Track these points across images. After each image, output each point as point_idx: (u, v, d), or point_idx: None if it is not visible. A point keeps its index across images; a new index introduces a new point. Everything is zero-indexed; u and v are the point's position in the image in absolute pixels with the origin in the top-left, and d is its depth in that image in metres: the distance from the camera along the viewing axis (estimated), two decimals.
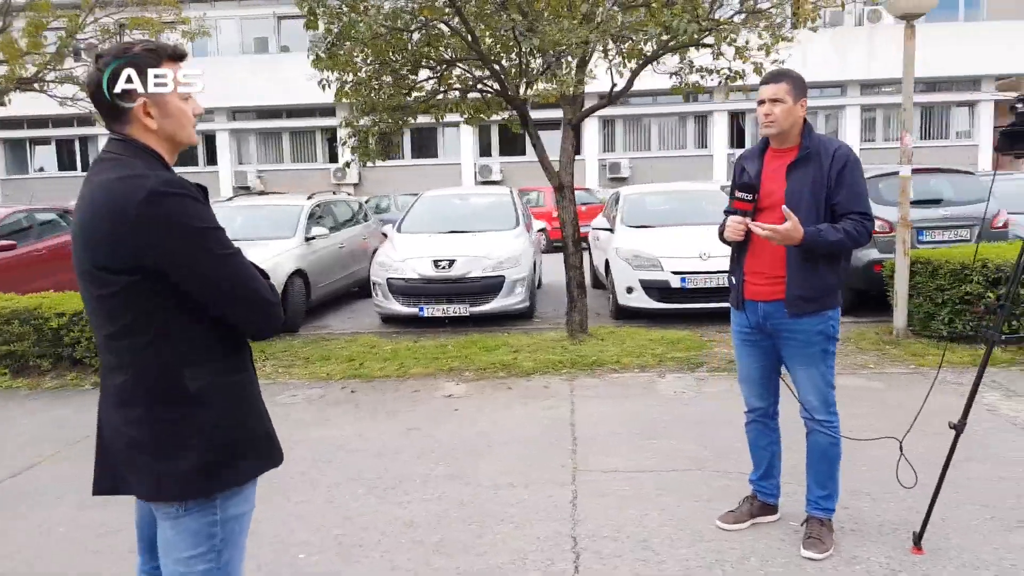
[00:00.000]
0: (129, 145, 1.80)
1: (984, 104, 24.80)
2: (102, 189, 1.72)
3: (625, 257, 8.45)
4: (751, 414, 3.57)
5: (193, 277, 1.73)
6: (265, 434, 1.94)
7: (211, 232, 1.74)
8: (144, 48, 1.81)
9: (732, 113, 25.22)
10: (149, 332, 1.75)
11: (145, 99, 1.79)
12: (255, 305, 1.81)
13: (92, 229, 1.71)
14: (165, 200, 1.68)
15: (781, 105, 3.16)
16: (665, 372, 6.33)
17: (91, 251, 1.72)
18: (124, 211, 1.66)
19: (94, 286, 1.75)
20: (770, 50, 6.88)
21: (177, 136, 1.87)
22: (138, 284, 1.71)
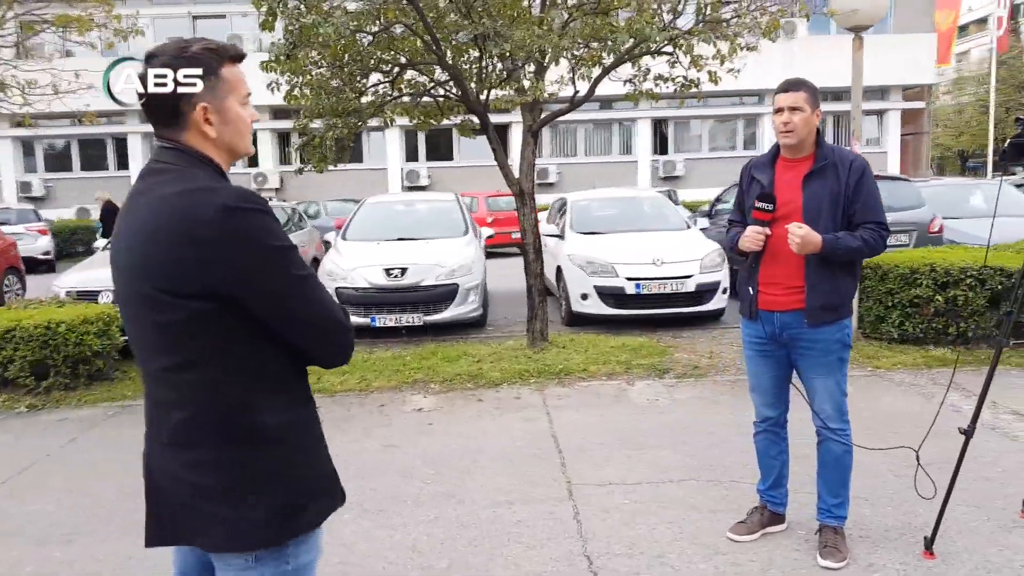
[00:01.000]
0: (184, 154, 1.61)
1: (892, 113, 26.08)
2: (163, 204, 1.52)
3: (579, 263, 8.42)
4: (762, 424, 3.54)
5: (269, 301, 1.54)
6: (332, 471, 1.77)
7: (288, 251, 1.56)
8: (204, 48, 1.61)
9: (655, 120, 25.72)
10: (218, 364, 1.55)
11: (206, 104, 1.60)
12: (332, 331, 1.63)
13: (153, 249, 1.51)
14: (239, 216, 1.49)
15: (800, 114, 3.15)
16: (633, 379, 6.31)
17: (151, 273, 1.52)
18: (193, 229, 1.47)
19: (153, 312, 1.54)
20: (725, 59, 6.97)
21: (236, 145, 1.68)
22: (208, 311, 1.51)
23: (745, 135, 26.55)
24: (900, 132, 26.14)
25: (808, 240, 3.06)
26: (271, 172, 25.88)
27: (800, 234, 3.06)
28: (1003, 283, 6.43)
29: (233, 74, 1.65)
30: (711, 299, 8.37)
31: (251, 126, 1.71)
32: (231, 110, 1.64)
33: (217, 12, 25.97)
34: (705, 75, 7.19)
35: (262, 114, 25.78)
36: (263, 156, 26.40)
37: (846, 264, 3.20)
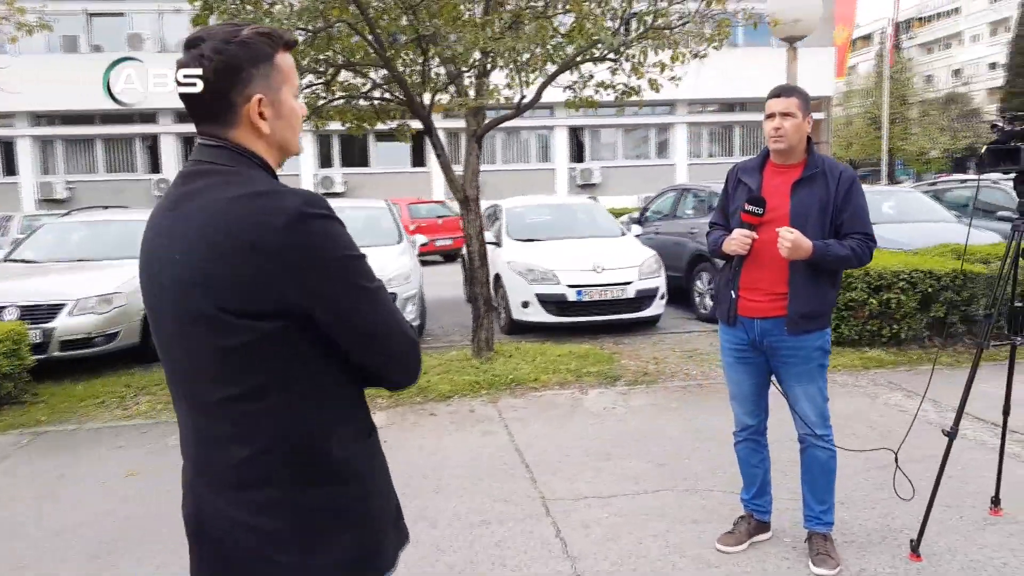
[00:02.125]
0: (234, 153, 1.40)
1: None
2: (223, 210, 1.32)
3: (519, 271, 8.31)
4: (743, 432, 3.49)
5: (343, 316, 1.36)
6: (398, 506, 1.59)
7: (361, 261, 1.39)
8: (257, 32, 1.41)
9: (572, 128, 25.98)
10: (288, 391, 1.36)
11: (261, 96, 1.40)
12: (404, 347, 1.44)
13: (214, 262, 1.31)
14: (313, 223, 1.31)
15: (792, 120, 3.12)
16: (586, 388, 6.23)
17: (214, 290, 1.31)
18: (264, 238, 1.28)
19: (215, 335, 1.33)
20: (665, 67, 7.00)
21: (289, 143, 1.49)
22: (279, 331, 1.32)
23: (658, 143, 27.14)
24: None
25: (799, 245, 3.03)
26: None
27: (791, 238, 3.03)
28: (932, 286, 6.68)
29: (287, 62, 1.45)
30: (650, 305, 8.42)
31: (301, 122, 1.52)
32: (286, 103, 1.45)
33: (115, 10, 24.71)
34: (646, 83, 7.21)
35: (165, 118, 24.78)
36: (166, 161, 25.28)
37: (830, 273, 3.19)
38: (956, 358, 6.57)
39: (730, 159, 27.03)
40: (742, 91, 23.17)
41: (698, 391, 6.10)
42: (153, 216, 1.46)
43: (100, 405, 6.32)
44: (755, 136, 27.65)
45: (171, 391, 1.49)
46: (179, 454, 1.51)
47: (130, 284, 7.57)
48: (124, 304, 7.39)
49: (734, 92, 22.91)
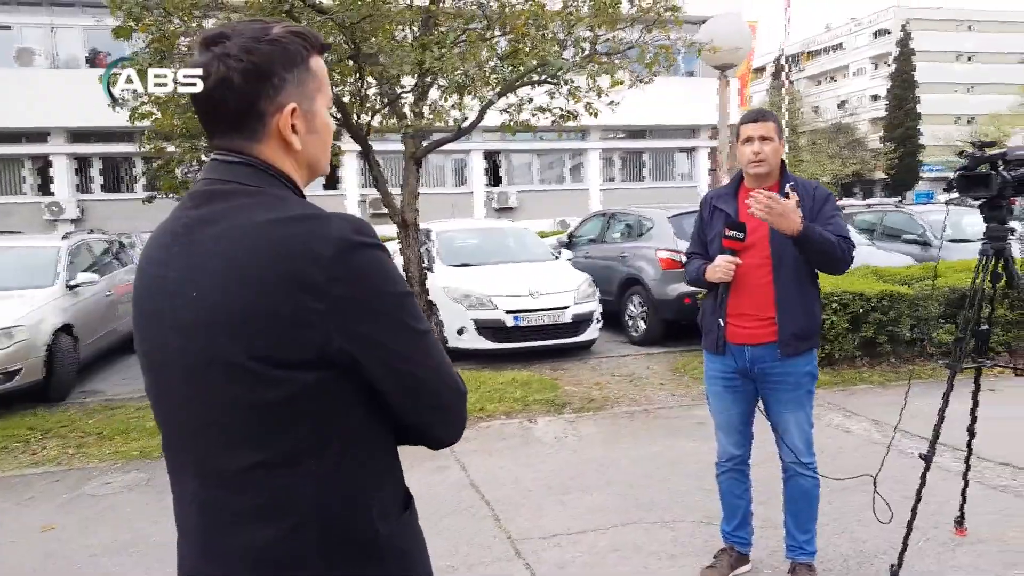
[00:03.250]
0: (260, 172, 1.20)
1: (701, 150, 28.11)
2: (252, 237, 1.11)
3: (455, 297, 8.13)
4: (728, 463, 3.42)
5: (396, 367, 1.17)
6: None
7: (413, 301, 1.20)
8: (290, 31, 1.21)
9: (488, 152, 26.03)
10: (328, 455, 1.15)
11: (295, 106, 1.20)
12: (455, 400, 1.25)
13: (244, 300, 1.09)
14: (362, 254, 1.13)
15: (770, 143, 3.11)
16: (534, 417, 6.09)
17: (242, 335, 1.10)
18: (307, 272, 1.08)
19: (244, 389, 1.11)
20: (602, 92, 7.04)
21: (319, 161, 1.30)
22: (322, 383, 1.12)
23: (572, 168, 27.52)
24: (709, 167, 28.18)
25: (788, 213, 2.88)
26: (67, 201, 23.38)
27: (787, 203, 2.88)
28: (863, 307, 6.88)
29: (322, 69, 1.27)
30: (586, 329, 8.38)
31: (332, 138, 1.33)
32: (319, 115, 1.26)
33: (3, 23, 23.23)
34: (583, 107, 7.22)
35: (57, 138, 23.38)
36: (58, 183, 23.82)
37: (813, 291, 3.17)
38: (885, 377, 6.78)
39: (641, 184, 27.69)
40: (648, 119, 23.78)
41: (645, 417, 6.05)
42: (153, 245, 1.24)
43: (3, 450, 5.75)
44: (663, 162, 28.44)
45: (170, 458, 1.25)
46: (101, 504, 1.28)
47: (32, 316, 7.00)
48: (26, 339, 6.80)
49: (641, 119, 23.46)
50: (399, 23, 6.51)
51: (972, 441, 3.55)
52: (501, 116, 7.55)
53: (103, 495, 4.74)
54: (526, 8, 6.89)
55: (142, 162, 22.19)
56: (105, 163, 24.07)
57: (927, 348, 6.88)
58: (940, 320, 6.94)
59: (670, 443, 5.36)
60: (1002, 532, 3.77)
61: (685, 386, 6.99)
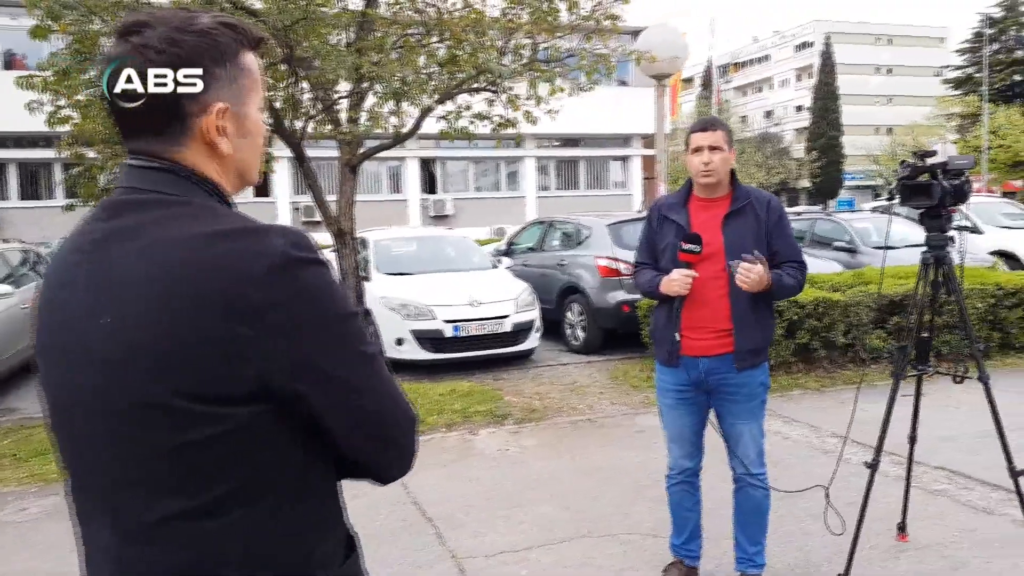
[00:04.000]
0: (183, 179, 1.07)
1: (634, 159, 28.47)
2: (174, 255, 0.98)
3: (393, 306, 7.95)
4: (679, 475, 3.37)
5: (343, 396, 1.05)
6: None
7: (359, 322, 1.09)
8: (220, 22, 1.08)
9: (423, 160, 25.81)
10: (262, 501, 1.03)
11: (224, 106, 1.07)
12: (405, 430, 1.13)
13: (165, 328, 0.96)
14: (303, 271, 1.01)
15: (720, 153, 3.08)
16: (475, 428, 5.98)
17: (164, 368, 0.96)
18: (241, 293, 0.96)
19: (165, 431, 0.98)
20: (541, 100, 7.00)
21: (250, 168, 1.17)
22: (256, 419, 0.99)
23: (508, 176, 27.53)
24: (642, 176, 28.57)
25: (763, 279, 2.96)
26: None
27: (757, 270, 2.93)
28: (797, 314, 6.99)
29: (255, 66, 1.14)
30: (526, 338, 8.32)
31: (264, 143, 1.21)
32: (251, 117, 1.13)
33: None
34: (521, 115, 7.17)
35: None
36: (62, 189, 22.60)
37: (768, 302, 3.17)
38: (820, 382, 6.90)
39: (576, 192, 27.87)
40: (582, 127, 23.99)
41: (588, 427, 6.01)
42: (57, 263, 1.09)
43: None
44: (598, 170, 28.70)
45: (79, 507, 1.10)
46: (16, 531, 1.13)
47: None
48: None
49: (575, 128, 23.63)
50: (334, 27, 6.34)
51: (913, 448, 3.60)
52: (439, 123, 7.44)
53: (19, 522, 4.43)
54: (465, 15, 6.81)
55: (62, 168, 21.22)
56: (22, 169, 22.92)
57: (860, 353, 7.03)
58: (872, 326, 7.10)
59: (614, 453, 5.32)
60: (941, 537, 3.83)
61: (625, 394, 6.98)
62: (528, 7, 6.62)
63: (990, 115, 36.37)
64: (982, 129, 35.97)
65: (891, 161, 47.48)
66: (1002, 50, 43.11)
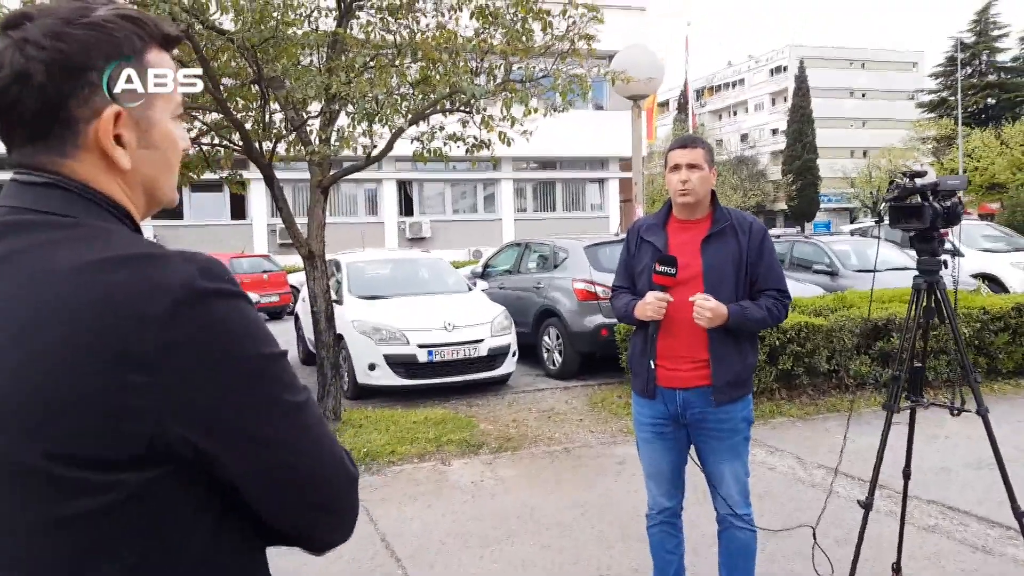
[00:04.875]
0: (74, 196, 0.89)
1: (611, 181, 28.49)
2: (57, 289, 0.81)
3: (365, 331, 7.72)
4: (658, 516, 3.17)
5: (261, 457, 0.87)
6: None
7: (283, 364, 0.90)
8: (118, 14, 0.91)
9: (400, 182, 25.65)
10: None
11: (120, 110, 0.89)
12: (343, 493, 0.95)
13: (41, 377, 0.79)
14: (213, 306, 0.84)
15: (698, 172, 2.92)
16: (448, 459, 5.75)
17: (38, 427, 0.79)
18: (133, 335, 0.79)
19: (40, 501, 0.80)
20: (516, 121, 6.84)
21: (160, 185, 0.99)
22: (152, 486, 0.82)
23: (485, 198, 27.43)
24: (619, 199, 28.58)
25: (718, 313, 2.81)
26: None
27: (710, 307, 2.79)
28: (780, 339, 6.86)
29: (164, 65, 0.95)
30: (502, 363, 8.11)
31: (181, 157, 1.01)
32: (159, 124, 0.95)
33: None
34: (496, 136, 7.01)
35: None
36: None
37: (751, 335, 3.00)
38: (804, 410, 6.74)
39: (553, 214, 27.79)
40: (559, 150, 23.98)
41: (566, 457, 5.80)
42: None
43: None
44: (574, 192, 28.69)
45: None
46: None
47: None
48: None
49: (552, 151, 23.60)
50: (304, 46, 6.16)
51: (908, 484, 3.42)
52: (413, 145, 7.25)
53: None
54: (437, 35, 6.66)
55: None
56: None
57: (844, 379, 6.89)
58: (855, 351, 6.97)
59: (594, 485, 5.12)
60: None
61: (604, 422, 6.78)
62: (502, 27, 6.48)
63: (965, 138, 36.93)
64: (957, 152, 36.49)
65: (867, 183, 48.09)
66: (975, 74, 43.96)
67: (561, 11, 6.21)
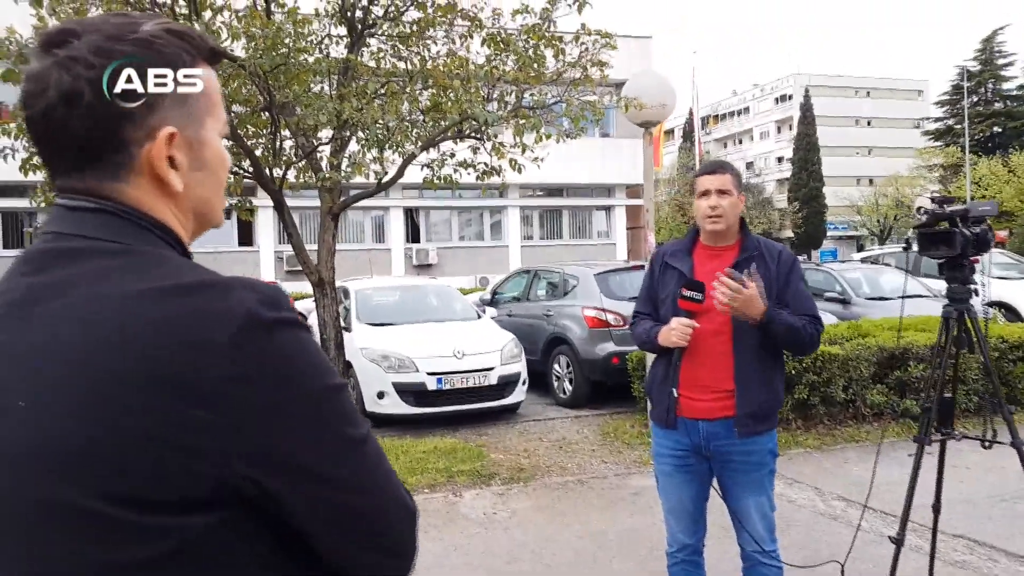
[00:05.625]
0: (127, 222, 0.84)
1: (618, 208, 28.49)
2: (113, 318, 0.76)
3: (373, 358, 7.64)
4: (679, 553, 3.06)
5: (326, 494, 0.82)
6: None
7: (345, 397, 0.85)
8: (167, 29, 0.86)
9: (407, 209, 25.70)
10: None
11: (174, 130, 0.85)
12: (403, 529, 0.89)
13: (96, 416, 0.74)
14: (277, 336, 0.79)
15: (728, 198, 2.85)
16: (459, 490, 5.64)
17: (93, 467, 0.74)
18: (195, 367, 0.74)
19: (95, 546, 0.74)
20: (526, 148, 6.83)
21: (212, 208, 0.95)
22: (218, 530, 0.77)
23: (491, 225, 27.46)
24: (626, 226, 28.57)
25: (750, 298, 2.68)
26: None
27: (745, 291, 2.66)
28: (795, 368, 6.74)
29: (212, 83, 0.91)
30: (512, 391, 8.01)
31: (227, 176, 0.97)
32: (210, 145, 0.90)
33: None
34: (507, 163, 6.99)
35: None
36: None
37: (777, 363, 2.92)
38: (821, 440, 6.61)
39: (560, 241, 27.77)
40: (565, 177, 24.03)
41: (580, 489, 5.68)
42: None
43: None
44: (581, 220, 28.71)
45: None
46: None
47: None
48: None
49: (559, 178, 23.66)
50: (316, 73, 6.17)
51: (938, 518, 3.31)
52: (423, 172, 7.24)
53: None
54: (449, 62, 6.68)
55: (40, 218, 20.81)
56: (5, 219, 22.53)
57: (861, 409, 6.77)
58: (871, 380, 6.86)
59: (610, 518, 5.00)
60: None
61: (617, 452, 6.66)
62: (514, 54, 6.49)
63: (972, 166, 36.94)
64: (965, 180, 36.49)
65: (873, 211, 48.07)
66: (981, 102, 44.10)
67: (574, 37, 6.20)
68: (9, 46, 5.38)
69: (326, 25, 6.86)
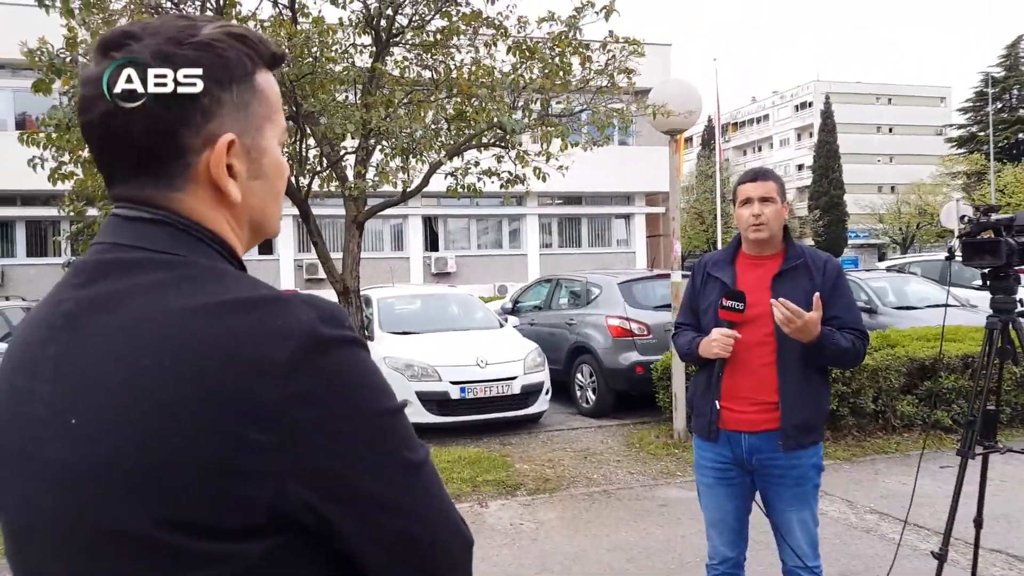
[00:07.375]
0: (183, 234, 0.82)
1: (638, 216, 28.40)
2: (169, 334, 0.73)
3: (396, 367, 7.62)
4: (720, 566, 3.01)
5: (378, 520, 0.79)
6: None
7: (403, 420, 0.83)
8: (227, 33, 0.84)
9: (425, 217, 25.75)
10: None
11: (234, 138, 0.82)
12: (460, 557, 0.87)
13: (151, 436, 0.71)
14: (336, 355, 0.76)
15: (772, 206, 2.81)
16: (485, 500, 5.60)
17: (149, 491, 0.71)
18: (249, 388, 0.71)
19: (154, 570, 0.72)
20: (551, 156, 6.81)
21: (268, 218, 0.92)
22: (275, 556, 0.74)
23: (510, 233, 27.45)
24: (645, 234, 28.48)
25: (809, 322, 2.61)
26: None
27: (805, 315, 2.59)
28: None
29: (273, 88, 0.88)
30: (535, 401, 7.97)
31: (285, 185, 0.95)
32: (270, 152, 0.88)
33: None
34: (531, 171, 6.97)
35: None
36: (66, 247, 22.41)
37: (821, 374, 2.87)
38: (851, 452, 6.52)
39: (579, 250, 27.72)
40: (584, 186, 23.99)
41: (606, 500, 5.62)
42: (20, 342, 0.83)
43: None
44: (600, 228, 28.65)
45: None
46: None
47: None
48: None
49: (577, 186, 23.65)
50: (342, 82, 6.19)
51: (979, 534, 3.24)
52: (447, 180, 7.24)
53: None
54: (474, 70, 6.67)
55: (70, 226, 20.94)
56: (30, 227, 22.79)
57: (892, 420, 6.67)
58: (901, 391, 6.76)
59: (638, 529, 4.94)
60: None
61: (643, 462, 6.60)
62: (540, 62, 6.47)
63: (997, 173, 36.50)
64: (989, 187, 36.06)
65: (896, 219, 47.60)
66: (1005, 108, 43.61)
67: (601, 44, 6.18)
68: (40, 56, 5.43)
69: (351, 34, 6.89)
